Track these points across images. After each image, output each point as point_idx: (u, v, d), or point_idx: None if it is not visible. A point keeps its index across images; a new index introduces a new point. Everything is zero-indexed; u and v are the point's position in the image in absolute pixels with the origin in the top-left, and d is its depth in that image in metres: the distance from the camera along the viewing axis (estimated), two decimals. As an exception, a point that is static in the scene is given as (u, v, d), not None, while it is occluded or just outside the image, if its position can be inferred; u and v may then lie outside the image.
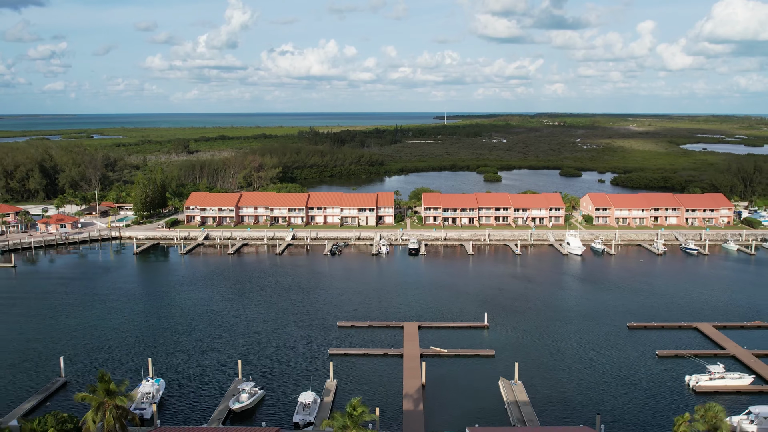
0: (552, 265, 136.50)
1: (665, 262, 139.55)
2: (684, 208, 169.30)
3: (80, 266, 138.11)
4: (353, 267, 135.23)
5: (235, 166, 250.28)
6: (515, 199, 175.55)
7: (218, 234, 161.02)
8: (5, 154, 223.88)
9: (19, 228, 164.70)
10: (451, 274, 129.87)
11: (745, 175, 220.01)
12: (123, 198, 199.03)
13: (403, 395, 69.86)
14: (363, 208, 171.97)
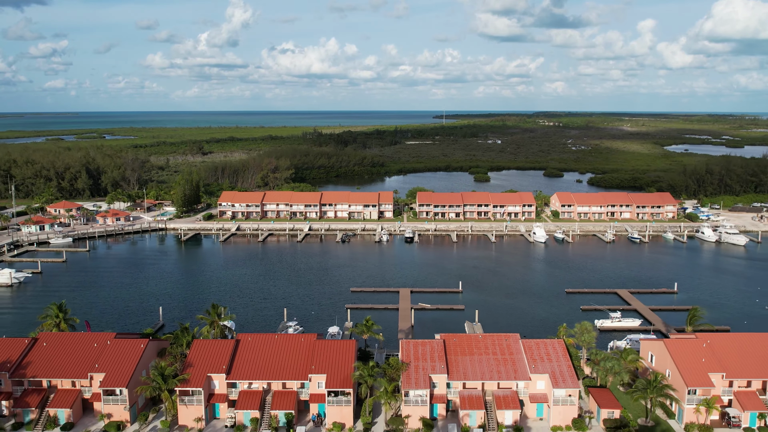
0: (520, 250, 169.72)
1: (612, 248, 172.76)
2: (635, 204, 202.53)
3: (139, 251, 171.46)
4: (360, 251, 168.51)
5: (252, 167, 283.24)
6: (494, 197, 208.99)
7: (248, 226, 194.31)
8: (56, 157, 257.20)
9: (81, 221, 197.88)
10: (438, 256, 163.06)
11: (698, 177, 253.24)
12: (162, 196, 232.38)
13: (398, 330, 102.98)
14: (367, 205, 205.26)
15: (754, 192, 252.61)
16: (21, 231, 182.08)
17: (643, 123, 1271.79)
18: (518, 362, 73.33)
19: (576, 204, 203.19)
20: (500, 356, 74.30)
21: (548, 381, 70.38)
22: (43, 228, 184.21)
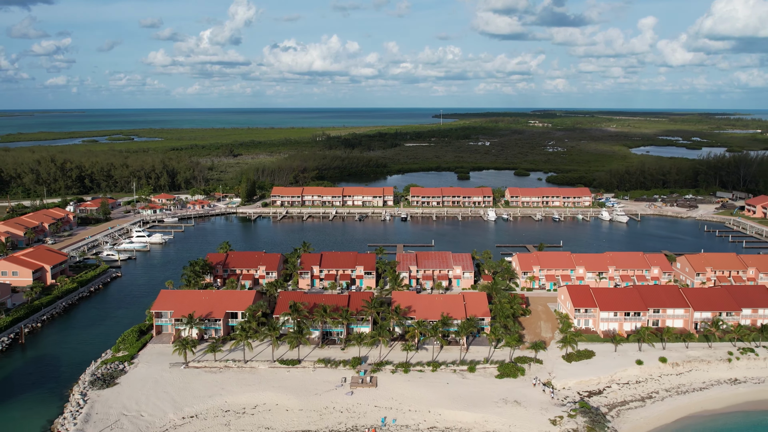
0: (476, 225, 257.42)
1: (539, 224, 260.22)
2: (562, 196, 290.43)
3: (226, 225, 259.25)
4: (371, 226, 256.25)
5: (285, 169, 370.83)
6: (464, 191, 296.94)
7: (293, 211, 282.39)
8: (143, 160, 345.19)
9: (177, 207, 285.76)
10: (422, 229, 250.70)
11: (619, 176, 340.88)
12: (225, 190, 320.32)
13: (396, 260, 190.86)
14: (375, 196, 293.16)
15: (662, 187, 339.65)
16: (141, 213, 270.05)
17: (629, 124, 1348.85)
18: (449, 261, 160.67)
19: (520, 196, 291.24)
20: (441, 258, 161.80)
21: (461, 269, 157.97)
22: (155, 211, 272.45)
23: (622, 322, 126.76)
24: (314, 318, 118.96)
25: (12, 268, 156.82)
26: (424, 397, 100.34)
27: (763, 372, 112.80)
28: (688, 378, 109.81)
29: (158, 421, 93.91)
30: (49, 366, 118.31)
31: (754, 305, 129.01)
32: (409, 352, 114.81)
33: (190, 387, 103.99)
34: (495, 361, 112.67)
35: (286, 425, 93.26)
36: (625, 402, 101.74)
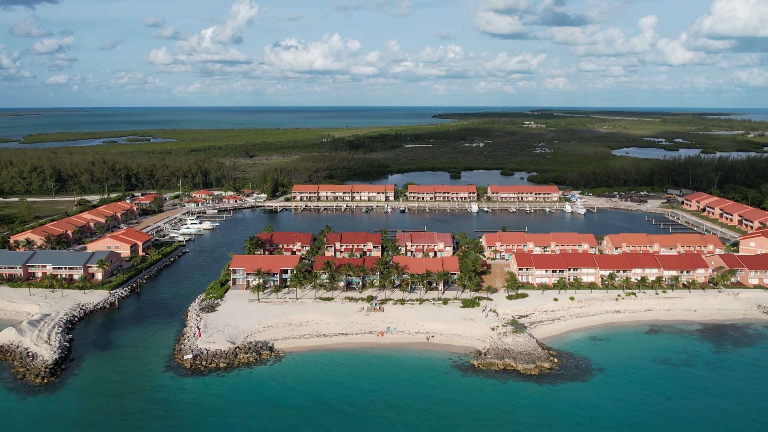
0: (461, 216, 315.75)
1: (513, 215, 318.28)
2: (534, 192, 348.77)
3: (257, 216, 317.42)
4: (375, 217, 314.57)
5: (301, 169, 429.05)
6: (453, 188, 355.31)
7: (311, 204, 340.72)
8: (181, 162, 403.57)
9: (215, 201, 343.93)
10: (417, 219, 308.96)
11: (587, 176, 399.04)
12: (252, 187, 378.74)
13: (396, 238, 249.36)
14: (379, 192, 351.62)
15: (623, 185, 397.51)
16: (186, 207, 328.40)
17: (620, 125, 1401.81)
18: (434, 239, 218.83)
19: (500, 192, 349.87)
20: (429, 237, 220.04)
21: (443, 244, 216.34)
22: (198, 205, 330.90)
23: (550, 277, 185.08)
24: (341, 272, 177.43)
25: (115, 243, 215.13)
26: (413, 317, 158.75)
27: (637, 306, 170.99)
28: (585, 309, 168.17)
29: (249, 328, 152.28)
30: (161, 304, 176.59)
31: (642, 266, 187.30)
32: (404, 293, 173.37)
33: (264, 312, 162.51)
34: (460, 298, 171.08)
35: (328, 330, 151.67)
36: (541, 321, 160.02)
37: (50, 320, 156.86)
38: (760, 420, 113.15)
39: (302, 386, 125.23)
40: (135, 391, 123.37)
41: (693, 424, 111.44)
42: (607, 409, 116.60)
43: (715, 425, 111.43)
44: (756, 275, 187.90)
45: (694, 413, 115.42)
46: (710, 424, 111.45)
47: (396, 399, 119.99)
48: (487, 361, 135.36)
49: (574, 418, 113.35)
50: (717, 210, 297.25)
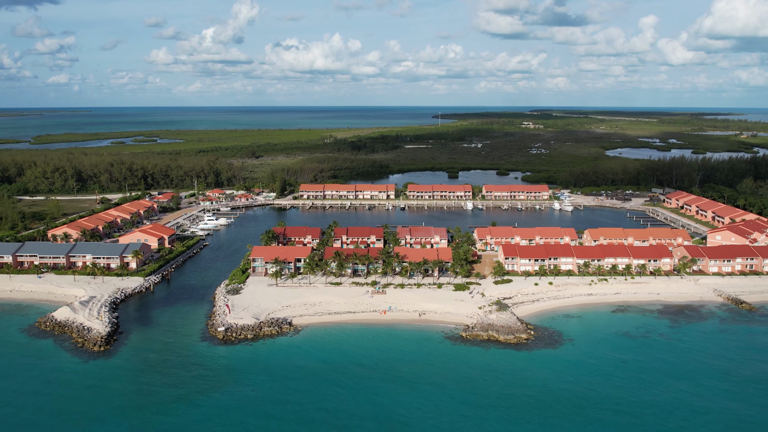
0: (457, 213, 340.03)
1: (506, 212, 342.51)
2: (525, 191, 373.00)
3: (267, 212, 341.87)
4: (377, 214, 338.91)
5: (306, 169, 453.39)
6: (450, 187, 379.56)
7: (317, 202, 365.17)
8: (194, 162, 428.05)
9: (228, 200, 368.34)
10: (416, 215, 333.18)
11: (576, 176, 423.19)
12: (261, 186, 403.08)
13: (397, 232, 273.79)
14: (380, 191, 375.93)
15: (610, 184, 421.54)
16: (201, 204, 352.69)
17: (618, 125, 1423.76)
18: (431, 232, 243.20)
19: (493, 191, 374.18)
20: (426, 231, 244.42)
21: (439, 237, 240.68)
22: (212, 203, 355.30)
23: (533, 265, 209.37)
24: (348, 260, 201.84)
25: (145, 237, 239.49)
26: (412, 298, 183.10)
27: (608, 290, 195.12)
28: (562, 292, 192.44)
29: (270, 308, 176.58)
30: (190, 289, 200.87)
31: (614, 255, 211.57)
32: (404, 279, 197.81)
33: (282, 294, 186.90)
34: (453, 283, 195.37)
35: (338, 309, 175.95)
36: (522, 302, 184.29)
37: (97, 301, 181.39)
38: (697, 373, 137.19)
39: (317, 353, 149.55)
40: (178, 356, 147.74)
41: (642, 380, 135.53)
42: (571, 370, 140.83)
43: (660, 375, 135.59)
44: (715, 264, 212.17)
45: (645, 371, 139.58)
46: (657, 376, 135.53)
47: (396, 362, 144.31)
48: (474, 333, 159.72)
49: (544, 376, 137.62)
50: (694, 207, 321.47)
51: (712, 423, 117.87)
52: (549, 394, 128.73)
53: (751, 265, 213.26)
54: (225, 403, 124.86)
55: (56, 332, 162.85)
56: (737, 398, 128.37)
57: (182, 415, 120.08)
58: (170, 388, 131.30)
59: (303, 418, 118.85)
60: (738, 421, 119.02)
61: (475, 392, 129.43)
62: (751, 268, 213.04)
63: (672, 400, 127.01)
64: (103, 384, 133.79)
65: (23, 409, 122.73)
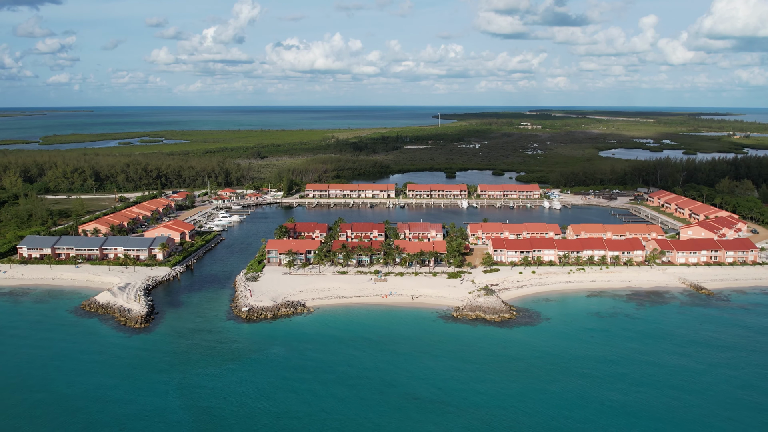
0: (453, 211, 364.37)
1: (499, 210, 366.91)
2: (518, 191, 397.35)
3: (277, 211, 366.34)
4: (378, 211, 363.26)
5: (311, 170, 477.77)
6: (447, 187, 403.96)
7: (322, 201, 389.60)
8: (206, 163, 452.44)
9: (238, 198, 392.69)
10: (415, 213, 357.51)
11: (567, 176, 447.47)
12: (269, 185, 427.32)
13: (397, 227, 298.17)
14: (381, 190, 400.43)
15: (599, 184, 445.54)
16: (214, 203, 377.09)
17: (614, 126, 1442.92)
18: (428, 228, 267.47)
19: (488, 190, 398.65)
20: (424, 226, 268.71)
21: (435, 232, 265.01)
22: (224, 201, 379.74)
23: (518, 256, 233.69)
24: (354, 252, 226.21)
25: (168, 231, 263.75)
26: (410, 284, 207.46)
27: (584, 278, 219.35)
28: (543, 280, 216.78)
29: (285, 292, 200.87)
30: (212, 277, 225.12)
31: (591, 248, 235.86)
32: (403, 268, 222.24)
33: (295, 281, 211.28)
34: (447, 272, 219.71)
35: (345, 293, 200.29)
36: (508, 288, 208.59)
37: (132, 287, 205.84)
38: (649, 338, 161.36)
39: (327, 330, 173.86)
40: (208, 332, 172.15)
41: (604, 344, 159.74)
42: (545, 342, 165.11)
43: (620, 339, 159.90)
44: (682, 255, 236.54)
45: (608, 344, 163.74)
46: (617, 340, 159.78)
47: (396, 336, 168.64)
48: (463, 313, 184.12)
49: (523, 345, 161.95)
50: (673, 205, 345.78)
51: (654, 369, 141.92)
52: (527, 357, 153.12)
53: (715, 257, 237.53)
54: (251, 366, 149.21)
55: (100, 313, 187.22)
56: (675, 353, 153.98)
57: (216, 375, 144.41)
58: (204, 355, 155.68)
59: (317, 379, 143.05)
60: (672, 367, 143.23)
61: (462, 358, 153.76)
62: (715, 260, 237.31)
63: (625, 356, 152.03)
64: (148, 352, 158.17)
65: (86, 372, 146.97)
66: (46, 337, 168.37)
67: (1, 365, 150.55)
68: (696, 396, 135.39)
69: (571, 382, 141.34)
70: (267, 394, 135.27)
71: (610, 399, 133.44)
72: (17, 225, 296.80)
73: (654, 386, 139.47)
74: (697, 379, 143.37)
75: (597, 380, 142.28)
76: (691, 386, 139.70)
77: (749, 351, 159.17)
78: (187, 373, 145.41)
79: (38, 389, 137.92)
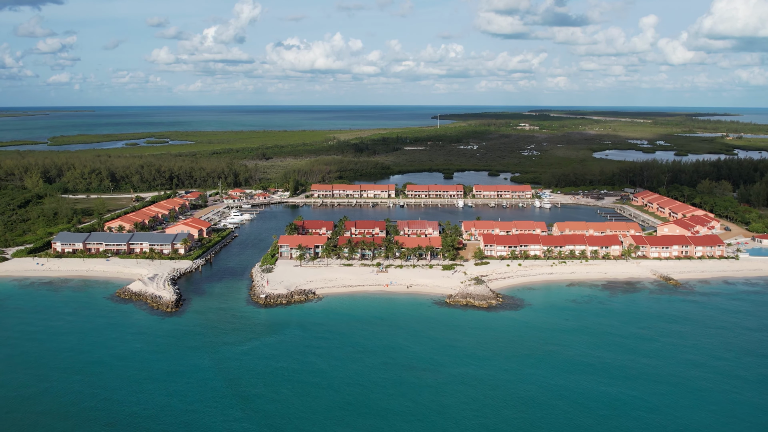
0: (450, 210, 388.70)
1: (493, 209, 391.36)
2: (511, 191, 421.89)
3: (285, 210, 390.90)
4: (380, 210, 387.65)
5: (315, 171, 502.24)
6: (444, 187, 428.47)
7: (327, 201, 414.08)
8: (215, 165, 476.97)
9: (246, 198, 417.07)
10: (414, 211, 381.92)
11: (557, 176, 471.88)
12: (276, 186, 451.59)
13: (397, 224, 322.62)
14: (382, 191, 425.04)
15: (588, 184, 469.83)
16: (225, 202, 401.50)
17: (611, 127, 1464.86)
18: (425, 225, 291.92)
19: (482, 190, 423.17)
20: (421, 224, 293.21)
21: (432, 229, 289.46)
22: (235, 201, 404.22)
23: (507, 251, 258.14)
24: (358, 246, 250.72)
25: (188, 228, 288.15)
26: (408, 275, 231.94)
27: (566, 270, 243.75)
28: (528, 271, 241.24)
29: (297, 282, 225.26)
30: (230, 269, 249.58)
31: (573, 243, 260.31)
32: (402, 261, 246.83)
33: (305, 272, 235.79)
34: (441, 265, 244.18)
35: (350, 283, 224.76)
36: (496, 279, 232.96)
37: (160, 278, 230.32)
38: (615, 316, 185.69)
39: (335, 313, 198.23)
40: (231, 315, 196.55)
41: (576, 320, 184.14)
42: (526, 324, 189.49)
43: (591, 315, 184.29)
44: (656, 250, 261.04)
45: (581, 328, 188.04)
46: (588, 316, 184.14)
47: (396, 318, 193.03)
48: (455, 300, 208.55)
49: (507, 325, 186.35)
50: (655, 205, 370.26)
51: (616, 339, 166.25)
52: (509, 335, 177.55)
53: (685, 252, 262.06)
54: (271, 342, 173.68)
55: (134, 299, 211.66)
56: (637, 327, 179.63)
57: (243, 349, 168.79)
58: (229, 335, 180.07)
59: (329, 353, 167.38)
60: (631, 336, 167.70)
61: (452, 337, 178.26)
62: (685, 254, 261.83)
63: (594, 330, 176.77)
64: (180, 332, 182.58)
65: (130, 345, 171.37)
66: (90, 319, 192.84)
67: (58, 339, 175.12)
68: (646, 357, 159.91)
69: (545, 352, 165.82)
70: (287, 363, 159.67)
71: (577, 362, 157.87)
72: (45, 223, 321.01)
73: (613, 350, 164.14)
74: (648, 345, 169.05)
75: (567, 348, 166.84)
76: (644, 351, 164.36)
77: (701, 327, 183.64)
78: (217, 347, 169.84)
79: (92, 358, 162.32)
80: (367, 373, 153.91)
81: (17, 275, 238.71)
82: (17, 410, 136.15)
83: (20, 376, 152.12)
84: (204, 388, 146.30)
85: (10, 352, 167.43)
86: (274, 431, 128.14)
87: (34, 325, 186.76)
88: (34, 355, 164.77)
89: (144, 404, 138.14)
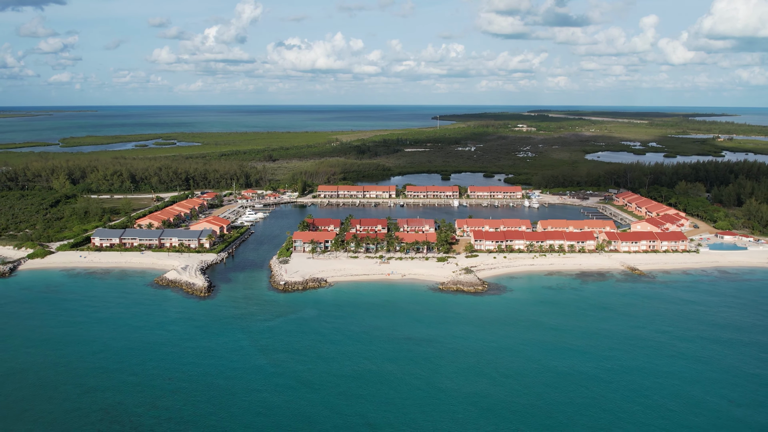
0: (446, 209, 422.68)
1: (485, 209, 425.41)
2: (502, 191, 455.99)
3: (295, 209, 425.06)
4: (381, 209, 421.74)
5: (321, 173, 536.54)
6: (441, 188, 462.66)
7: (333, 200, 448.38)
8: (228, 167, 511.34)
9: (257, 198, 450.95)
10: (413, 211, 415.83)
11: (548, 178, 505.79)
12: (285, 187, 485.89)
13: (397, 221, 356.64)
14: (384, 191, 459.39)
15: (575, 185, 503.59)
16: (238, 202, 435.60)
17: (606, 128, 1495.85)
18: (423, 222, 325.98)
19: (476, 191, 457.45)
20: (419, 221, 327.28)
21: (428, 226, 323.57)
22: (248, 201, 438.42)
23: (494, 245, 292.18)
24: (363, 241, 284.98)
25: (210, 225, 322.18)
26: (406, 266, 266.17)
27: (545, 262, 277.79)
28: (513, 263, 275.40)
29: (311, 271, 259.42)
30: (250, 261, 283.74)
31: (553, 239, 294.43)
32: (402, 254, 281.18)
33: (317, 263, 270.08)
34: (436, 257, 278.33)
35: (357, 272, 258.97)
36: (483, 269, 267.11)
37: (191, 268, 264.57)
38: (582, 301, 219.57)
39: (344, 298, 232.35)
40: (256, 299, 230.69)
41: (550, 316, 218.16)
42: (506, 307, 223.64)
43: (560, 316, 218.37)
44: (626, 245, 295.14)
45: (553, 312, 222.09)
46: (560, 316, 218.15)
47: (396, 302, 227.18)
48: (447, 287, 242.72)
49: (490, 308, 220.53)
50: (634, 204, 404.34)
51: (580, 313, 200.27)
52: (493, 315, 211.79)
53: (652, 246, 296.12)
54: (292, 320, 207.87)
55: (170, 286, 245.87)
56: (599, 308, 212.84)
57: (269, 325, 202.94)
58: (257, 314, 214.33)
59: (339, 330, 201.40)
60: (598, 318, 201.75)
61: (444, 316, 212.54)
62: (652, 248, 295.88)
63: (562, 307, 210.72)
64: (215, 312, 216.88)
65: (172, 324, 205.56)
66: (135, 303, 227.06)
67: (113, 318, 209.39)
68: (604, 322, 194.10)
69: (522, 327, 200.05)
70: (307, 335, 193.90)
71: (548, 331, 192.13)
72: (78, 220, 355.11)
73: (579, 321, 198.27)
74: (607, 318, 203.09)
75: (540, 325, 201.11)
76: (603, 321, 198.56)
77: (654, 305, 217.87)
78: (248, 323, 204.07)
79: (145, 332, 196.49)
80: (373, 345, 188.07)
81: (64, 266, 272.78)
82: (100, 368, 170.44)
83: (95, 346, 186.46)
84: (241, 353, 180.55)
85: (79, 330, 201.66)
86: (302, 383, 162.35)
87: (92, 307, 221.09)
88: (100, 331, 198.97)
89: (194, 364, 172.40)
